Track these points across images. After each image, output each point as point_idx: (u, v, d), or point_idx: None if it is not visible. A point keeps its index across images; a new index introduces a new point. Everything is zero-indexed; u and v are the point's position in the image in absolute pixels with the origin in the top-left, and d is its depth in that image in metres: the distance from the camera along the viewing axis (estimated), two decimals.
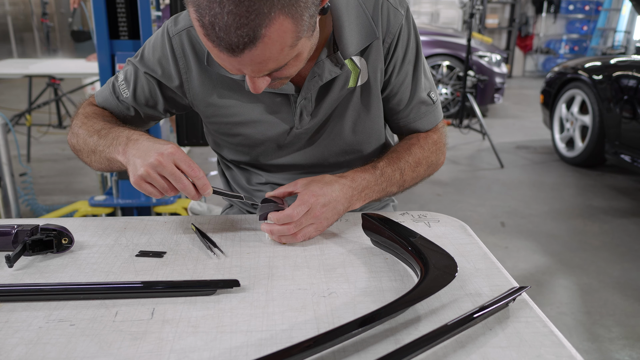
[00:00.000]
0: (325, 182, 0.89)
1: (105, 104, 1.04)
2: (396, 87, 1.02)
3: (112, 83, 1.04)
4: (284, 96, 0.97)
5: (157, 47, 0.98)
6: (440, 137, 1.08)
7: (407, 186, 1.03)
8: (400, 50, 0.98)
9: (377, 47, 0.96)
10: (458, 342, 0.61)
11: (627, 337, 1.93)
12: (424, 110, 1.05)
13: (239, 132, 1.02)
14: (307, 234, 0.87)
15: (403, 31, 0.97)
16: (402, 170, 0.99)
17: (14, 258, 0.76)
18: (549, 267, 2.49)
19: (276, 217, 0.85)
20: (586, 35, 9.38)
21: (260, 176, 1.11)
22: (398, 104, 1.04)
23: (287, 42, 0.70)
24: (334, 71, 0.93)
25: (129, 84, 1.01)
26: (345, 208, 0.91)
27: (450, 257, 0.74)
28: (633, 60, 3.67)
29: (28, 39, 8.46)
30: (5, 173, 2.46)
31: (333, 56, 0.92)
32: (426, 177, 1.07)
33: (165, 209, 2.32)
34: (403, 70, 1.00)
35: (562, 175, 3.92)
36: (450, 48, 5.58)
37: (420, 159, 1.02)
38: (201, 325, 0.64)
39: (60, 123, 4.51)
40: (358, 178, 0.93)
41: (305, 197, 0.85)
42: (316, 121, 1.00)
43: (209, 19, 0.66)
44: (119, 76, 1.02)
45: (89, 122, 0.97)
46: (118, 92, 1.02)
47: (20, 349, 0.59)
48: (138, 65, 1.00)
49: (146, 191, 0.82)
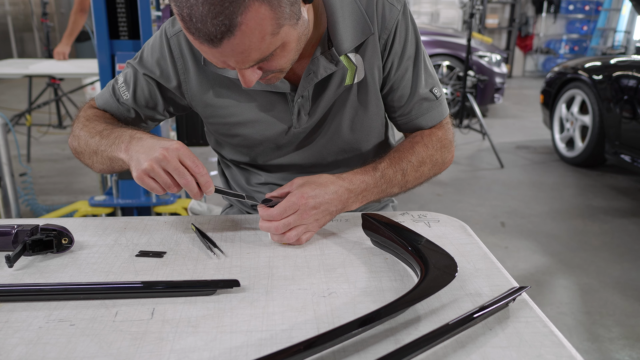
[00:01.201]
0: (319, 184, 0.87)
1: (105, 107, 1.04)
2: (396, 83, 1.01)
3: (112, 86, 1.04)
4: (280, 95, 0.96)
5: (156, 48, 0.98)
6: (445, 134, 1.05)
7: (410, 186, 1.01)
8: (398, 46, 0.97)
9: (374, 44, 0.95)
10: (458, 342, 0.61)
11: (627, 337, 1.93)
12: (426, 106, 1.03)
13: (238, 133, 1.02)
14: (298, 234, 0.86)
15: (400, 26, 0.96)
16: (404, 170, 0.97)
17: (14, 258, 0.76)
18: (549, 267, 2.49)
19: (262, 212, 0.85)
20: (586, 35, 9.38)
21: (259, 176, 1.11)
22: (399, 100, 1.03)
23: (266, 29, 0.70)
24: (329, 68, 0.92)
25: (129, 86, 1.01)
26: (339, 210, 0.90)
27: (450, 257, 0.74)
28: (633, 60, 3.67)
29: (28, 39, 8.46)
30: (5, 173, 2.46)
31: (328, 53, 0.91)
32: (432, 177, 1.04)
33: (165, 209, 2.32)
34: (402, 66, 0.99)
35: (562, 175, 3.92)
36: (450, 48, 5.58)
37: (424, 158, 1.00)
38: (201, 325, 0.64)
39: (60, 123, 4.51)
40: (356, 180, 0.92)
41: (293, 199, 0.84)
42: (314, 120, 1.00)
43: (186, 11, 0.68)
44: (118, 79, 1.03)
45: (90, 124, 0.97)
46: (118, 95, 1.02)
47: (20, 349, 0.59)
48: (137, 67, 1.00)
49: (148, 186, 0.82)
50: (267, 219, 0.85)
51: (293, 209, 0.84)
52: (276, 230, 0.84)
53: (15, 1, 8.24)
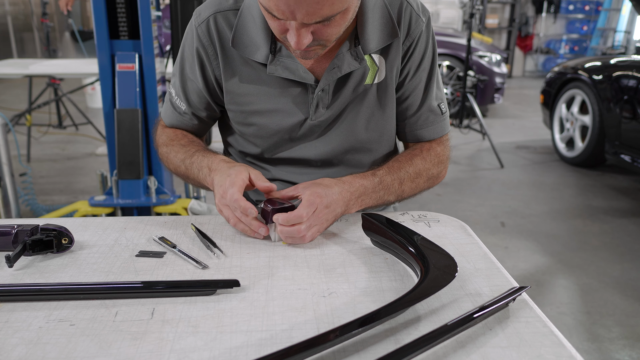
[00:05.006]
0: (325, 185, 0.90)
1: (173, 123, 1.12)
2: (408, 91, 1.05)
3: (169, 101, 1.11)
4: (301, 87, 0.99)
5: (189, 43, 1.03)
6: (443, 151, 1.08)
7: (405, 196, 1.03)
8: (417, 56, 1.01)
9: (397, 47, 0.99)
10: (458, 342, 0.61)
11: (627, 337, 1.93)
12: (432, 119, 1.07)
13: (254, 122, 1.04)
14: (313, 234, 0.87)
15: (422, 37, 1.00)
16: (401, 180, 1.00)
17: (14, 258, 0.76)
18: (549, 267, 2.49)
19: (286, 218, 0.84)
20: (586, 35, 9.38)
21: (266, 172, 1.12)
22: (408, 108, 1.06)
23: None
24: (353, 65, 0.96)
25: (181, 96, 1.08)
26: (343, 211, 0.91)
27: (450, 257, 0.74)
28: (633, 60, 3.67)
29: (28, 39, 8.46)
30: (5, 173, 2.46)
31: (354, 50, 0.95)
32: (425, 190, 1.07)
33: (165, 209, 2.32)
34: (417, 76, 1.03)
35: (562, 175, 3.92)
36: (450, 48, 5.58)
37: (420, 170, 1.03)
38: (201, 325, 0.64)
39: (60, 123, 4.51)
40: (356, 183, 0.94)
41: (312, 198, 0.85)
42: (331, 114, 1.02)
43: None
44: (171, 92, 1.09)
45: (171, 153, 1.06)
46: (178, 108, 1.09)
47: (20, 349, 0.59)
48: (180, 74, 1.06)
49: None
50: (294, 222, 0.84)
51: (312, 208, 0.85)
52: (298, 233, 0.84)
53: (15, 1, 8.24)
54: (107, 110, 2.21)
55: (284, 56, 0.95)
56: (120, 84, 2.13)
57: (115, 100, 2.17)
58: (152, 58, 2.15)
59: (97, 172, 2.46)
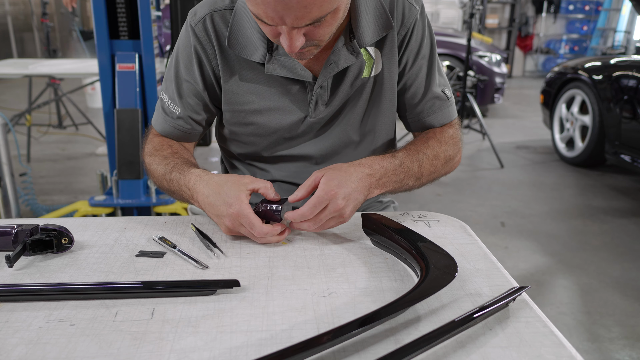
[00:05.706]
0: (343, 173, 0.87)
1: (164, 132, 1.07)
2: (410, 80, 1.05)
3: (160, 108, 1.07)
4: (300, 85, 0.99)
5: (184, 43, 1.01)
6: (456, 133, 1.08)
7: (424, 181, 1.01)
8: (415, 44, 1.02)
9: (392, 39, 1.00)
10: (458, 342, 0.61)
11: (627, 337, 1.93)
12: (438, 105, 1.07)
13: (253, 121, 1.04)
14: (335, 225, 0.87)
15: (417, 26, 1.00)
16: (420, 162, 0.98)
17: (14, 258, 0.76)
18: (549, 267, 2.49)
19: (291, 216, 0.85)
20: (586, 35, 9.38)
21: (266, 172, 1.11)
22: (412, 97, 1.06)
23: None
24: (350, 59, 0.96)
25: (175, 100, 1.04)
26: (365, 197, 0.89)
27: (450, 257, 0.74)
28: (633, 60, 3.67)
29: (28, 39, 8.46)
30: (5, 173, 2.46)
31: (349, 44, 0.95)
32: (443, 174, 1.05)
33: (165, 209, 2.32)
34: (417, 64, 1.03)
35: (562, 175, 3.92)
36: (450, 48, 5.58)
37: (438, 152, 1.02)
38: (201, 325, 0.64)
39: (60, 123, 4.51)
40: (376, 165, 0.92)
41: (322, 195, 0.83)
42: (330, 110, 1.02)
43: None
44: (163, 98, 1.06)
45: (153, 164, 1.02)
46: (170, 113, 1.05)
47: (20, 349, 0.59)
48: (174, 77, 1.03)
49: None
50: (300, 220, 0.85)
51: (323, 204, 0.83)
52: (308, 229, 0.86)
53: (15, 1, 8.24)
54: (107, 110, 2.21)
55: (281, 54, 0.95)
56: (120, 84, 2.13)
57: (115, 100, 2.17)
58: (152, 58, 2.16)
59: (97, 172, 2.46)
